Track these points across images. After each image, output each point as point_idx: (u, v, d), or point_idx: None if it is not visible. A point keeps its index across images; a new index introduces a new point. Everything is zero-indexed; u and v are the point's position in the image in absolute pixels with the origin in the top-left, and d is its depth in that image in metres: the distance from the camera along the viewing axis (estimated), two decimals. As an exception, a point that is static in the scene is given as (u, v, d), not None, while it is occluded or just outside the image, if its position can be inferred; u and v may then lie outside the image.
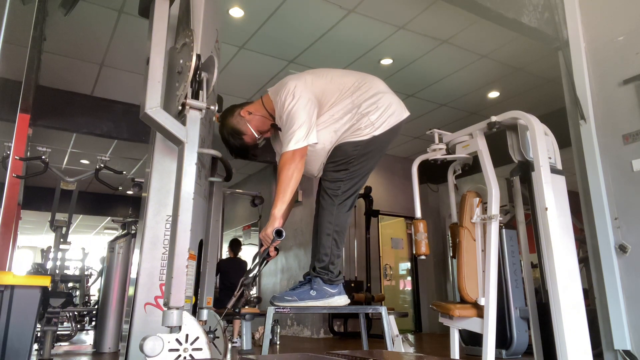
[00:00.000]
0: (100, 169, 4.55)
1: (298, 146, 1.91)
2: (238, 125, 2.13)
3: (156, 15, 1.71)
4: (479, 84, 5.60)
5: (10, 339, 2.13)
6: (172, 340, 1.40)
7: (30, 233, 14.52)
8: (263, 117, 2.13)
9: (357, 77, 2.14)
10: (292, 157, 1.91)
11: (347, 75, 2.18)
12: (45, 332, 3.96)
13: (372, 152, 2.06)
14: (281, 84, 2.07)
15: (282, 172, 1.91)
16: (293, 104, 1.95)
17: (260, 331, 5.97)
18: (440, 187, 7.59)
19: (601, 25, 3.42)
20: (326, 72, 2.16)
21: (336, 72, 2.19)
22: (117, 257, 5.15)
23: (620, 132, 3.17)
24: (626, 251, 3.02)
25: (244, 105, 2.18)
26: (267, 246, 1.89)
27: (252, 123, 2.12)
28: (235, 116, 2.14)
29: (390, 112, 2.07)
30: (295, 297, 1.95)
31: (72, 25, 4.36)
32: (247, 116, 2.13)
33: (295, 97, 1.96)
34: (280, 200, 1.91)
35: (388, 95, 2.12)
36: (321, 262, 2.00)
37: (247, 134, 2.13)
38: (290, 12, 4.20)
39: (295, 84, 2.00)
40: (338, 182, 2.02)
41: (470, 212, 2.58)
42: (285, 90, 2.00)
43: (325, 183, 2.03)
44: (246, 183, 9.10)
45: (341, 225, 2.02)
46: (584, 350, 2.21)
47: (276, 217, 1.90)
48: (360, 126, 2.02)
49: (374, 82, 2.14)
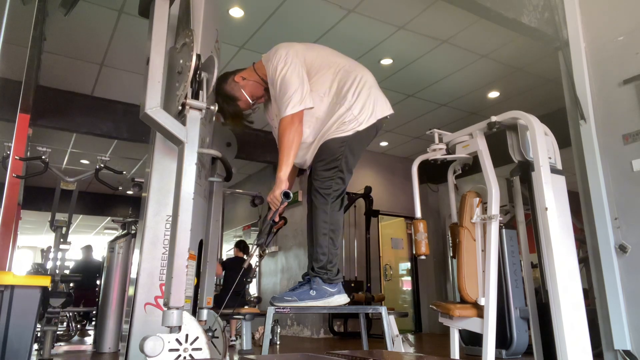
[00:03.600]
0: (100, 169, 4.54)
1: (295, 110, 1.97)
2: (232, 91, 2.16)
3: (156, 15, 1.71)
4: (479, 84, 5.60)
5: (10, 339, 2.13)
6: (172, 340, 1.40)
7: (30, 233, 14.52)
8: (256, 82, 2.18)
9: (349, 62, 2.18)
10: (291, 121, 1.97)
11: (339, 56, 2.22)
12: (45, 332, 3.96)
13: (357, 148, 2.09)
14: (273, 51, 2.11)
15: (283, 136, 1.96)
16: (285, 69, 2.00)
17: (260, 331, 5.97)
18: (440, 187, 7.60)
19: (601, 25, 3.42)
20: (319, 46, 2.23)
21: (328, 49, 2.24)
22: (117, 257, 5.15)
23: (620, 132, 3.17)
24: (626, 251, 3.02)
25: (236, 72, 2.21)
26: (276, 209, 1.93)
27: (246, 89, 2.16)
28: (229, 82, 2.17)
29: (373, 108, 2.10)
30: (295, 297, 1.95)
31: (72, 25, 4.36)
32: (241, 82, 2.17)
33: (287, 63, 2.01)
34: (285, 162, 1.96)
35: (374, 89, 2.15)
36: (319, 261, 2.01)
37: (241, 100, 2.16)
38: (290, 12, 4.20)
39: (286, 51, 2.06)
40: (329, 180, 2.03)
41: (470, 212, 2.58)
42: (277, 57, 2.05)
43: (317, 183, 2.05)
44: (246, 183, 9.10)
45: (336, 223, 2.04)
46: (584, 350, 2.21)
47: (282, 179, 1.96)
48: (345, 120, 2.04)
49: (364, 72, 2.17)
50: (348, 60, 2.20)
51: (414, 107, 6.12)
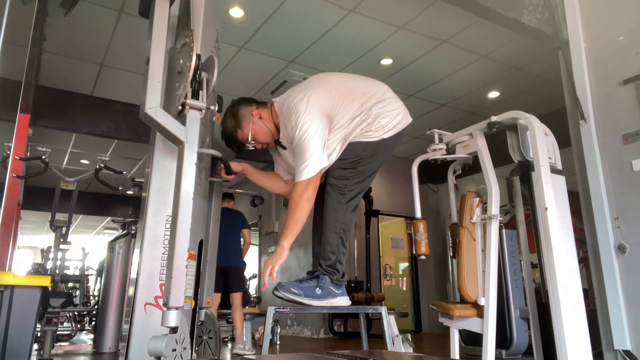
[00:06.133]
0: (100, 169, 4.55)
1: (311, 175, 1.89)
2: (243, 118, 2.10)
3: (156, 15, 1.71)
4: (479, 84, 5.60)
5: (10, 339, 2.13)
6: (173, 340, 1.40)
7: (30, 233, 14.53)
8: (269, 129, 2.11)
9: (363, 83, 2.13)
10: (306, 187, 1.89)
11: (352, 80, 2.15)
12: (45, 332, 3.96)
13: (379, 155, 2.06)
14: (289, 107, 2.01)
15: (296, 204, 1.88)
16: (305, 131, 1.92)
17: (260, 331, 5.98)
18: (440, 187, 7.60)
19: (601, 25, 3.42)
20: (329, 81, 2.12)
21: (338, 80, 2.15)
22: (117, 257, 5.15)
23: (620, 132, 3.17)
24: (626, 251, 3.02)
25: (260, 105, 2.14)
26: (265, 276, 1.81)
27: (254, 127, 2.09)
28: (247, 109, 2.11)
29: (399, 118, 2.08)
30: (302, 291, 1.91)
31: (72, 25, 4.36)
32: (256, 119, 2.10)
33: (307, 124, 1.93)
34: (291, 233, 1.87)
35: (395, 100, 2.13)
36: (328, 260, 1.98)
37: (242, 131, 2.10)
38: (290, 12, 4.20)
39: (305, 108, 1.95)
40: (345, 179, 2.00)
41: (470, 212, 2.58)
42: (295, 116, 1.95)
43: (332, 180, 2.01)
44: (246, 183, 9.09)
45: (348, 224, 2.00)
46: (584, 350, 2.21)
47: (285, 249, 1.86)
48: (371, 128, 2.02)
49: (380, 87, 2.13)
50: (361, 80, 2.16)
51: (414, 107, 6.10)
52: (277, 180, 2.24)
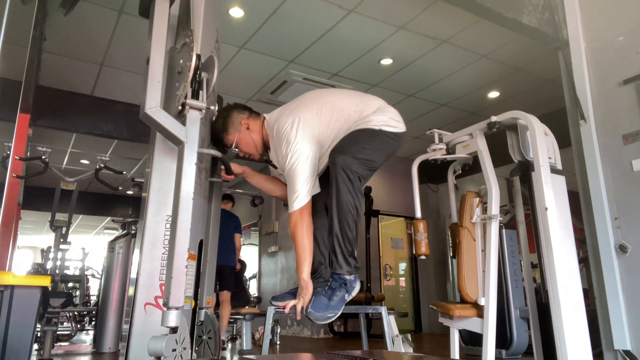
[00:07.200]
0: (100, 169, 4.55)
1: (302, 204, 1.88)
2: (231, 124, 2.06)
3: (156, 15, 1.71)
4: (479, 84, 5.60)
5: (10, 339, 2.13)
6: (173, 340, 1.40)
7: (30, 233, 14.52)
8: (253, 141, 2.09)
9: (356, 100, 2.08)
10: (300, 216, 1.88)
11: (344, 98, 2.11)
12: (45, 332, 3.97)
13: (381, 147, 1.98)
14: (279, 132, 1.97)
15: (295, 234, 1.89)
16: (295, 159, 1.90)
17: (260, 331, 5.98)
18: (440, 187, 7.60)
19: (601, 25, 3.42)
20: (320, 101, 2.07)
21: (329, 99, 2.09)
22: (117, 257, 5.15)
23: (620, 132, 3.17)
24: (626, 251, 3.02)
25: (252, 116, 2.12)
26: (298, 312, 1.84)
27: (240, 135, 2.07)
28: (238, 116, 2.08)
29: (396, 122, 2.04)
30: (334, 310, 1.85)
31: (72, 25, 4.35)
32: (242, 127, 2.07)
33: (297, 152, 1.90)
34: (303, 261, 1.88)
35: (391, 107, 2.10)
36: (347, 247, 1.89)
37: (228, 136, 2.07)
38: (290, 12, 4.20)
39: (294, 137, 1.92)
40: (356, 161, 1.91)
41: (470, 212, 2.58)
42: (286, 145, 1.92)
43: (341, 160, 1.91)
44: (246, 183, 9.03)
45: (360, 209, 1.93)
46: (584, 350, 2.21)
47: (307, 281, 1.87)
48: (371, 119, 1.98)
49: (375, 101, 2.10)
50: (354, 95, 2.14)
51: (414, 107, 6.11)
52: (277, 183, 2.23)
